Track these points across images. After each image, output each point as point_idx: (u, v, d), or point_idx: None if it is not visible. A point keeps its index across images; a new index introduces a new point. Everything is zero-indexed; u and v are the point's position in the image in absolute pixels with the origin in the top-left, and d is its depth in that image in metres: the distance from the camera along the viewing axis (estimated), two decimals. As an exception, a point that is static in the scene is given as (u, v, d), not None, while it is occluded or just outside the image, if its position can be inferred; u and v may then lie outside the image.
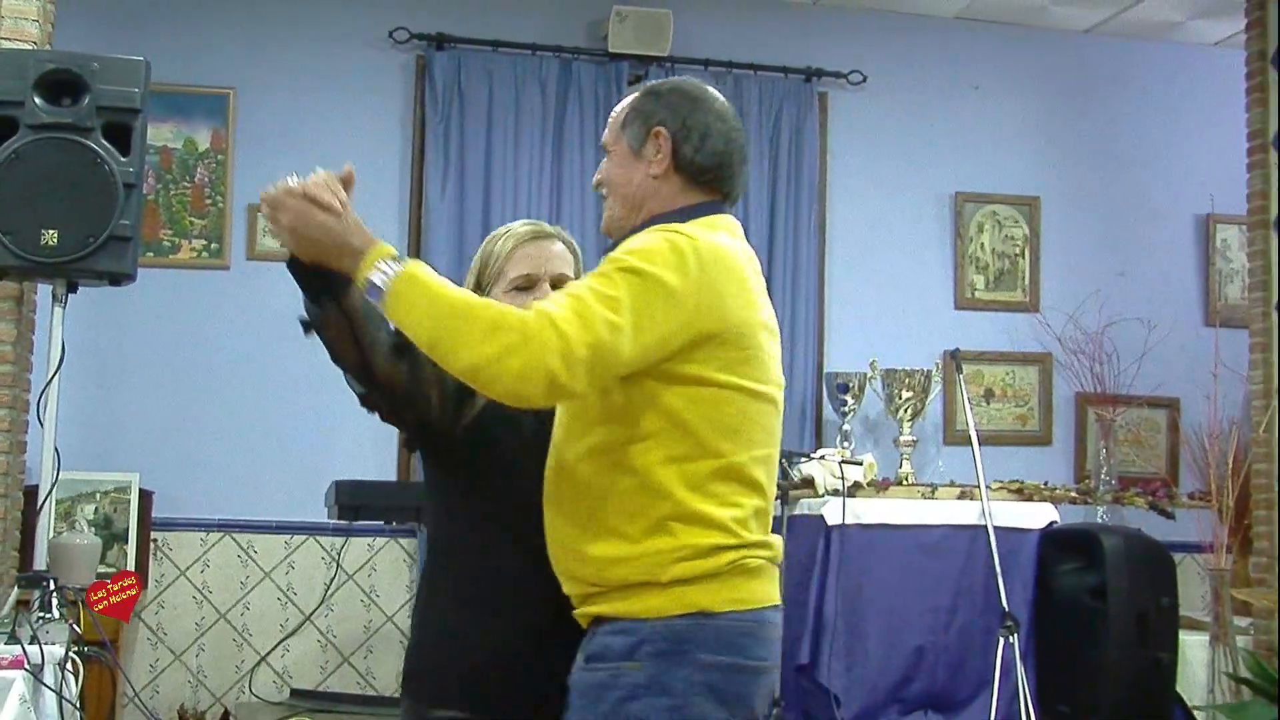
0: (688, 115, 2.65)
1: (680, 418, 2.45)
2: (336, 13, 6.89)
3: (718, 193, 2.68)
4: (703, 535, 2.44)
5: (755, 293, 2.57)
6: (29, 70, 4.24)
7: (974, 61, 7.55)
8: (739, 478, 2.49)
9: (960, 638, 6.09)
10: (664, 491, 2.44)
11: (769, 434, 2.57)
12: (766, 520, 2.57)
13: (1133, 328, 7.02)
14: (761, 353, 2.55)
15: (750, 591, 2.48)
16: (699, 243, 2.47)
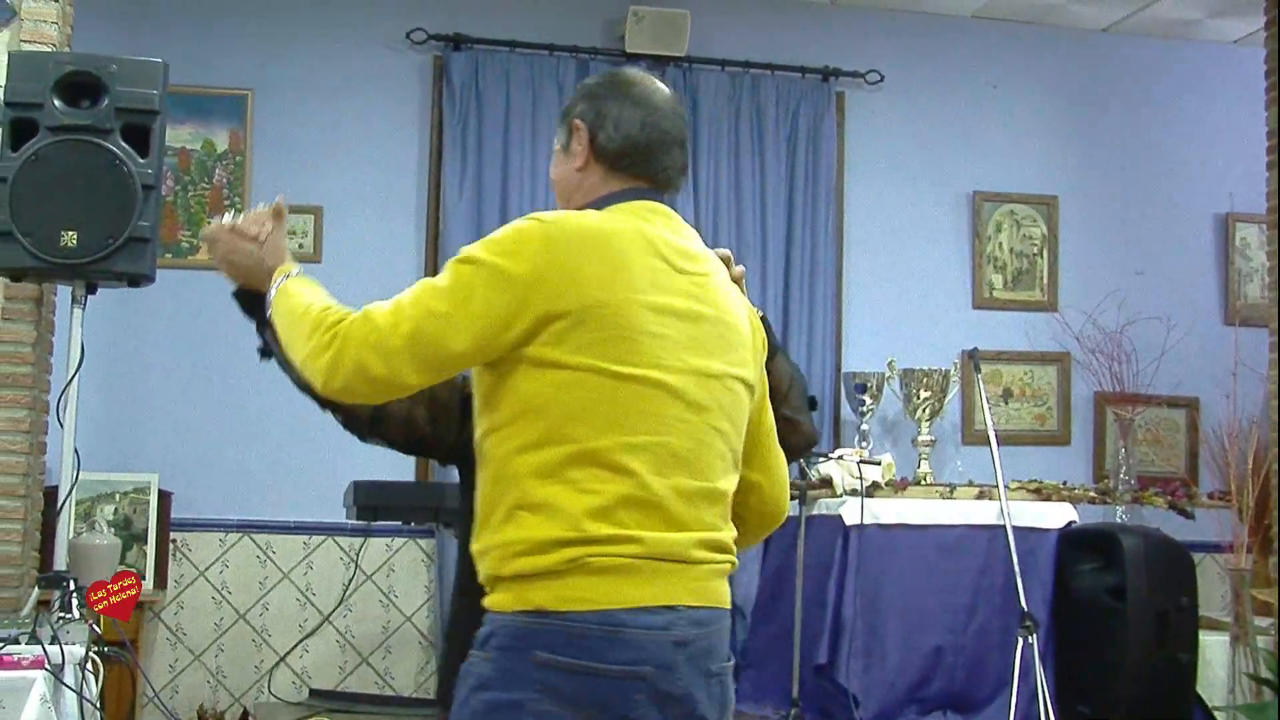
0: (603, 104, 2.64)
1: (533, 403, 2.39)
2: (354, 14, 6.90)
3: (641, 179, 2.64)
4: (542, 528, 2.35)
5: (639, 272, 2.47)
6: (48, 72, 4.25)
7: (991, 61, 7.54)
8: (600, 463, 2.37)
9: (979, 638, 6.08)
10: (515, 479, 2.39)
11: (653, 419, 2.42)
12: (650, 510, 2.40)
13: (1152, 327, 7.01)
14: (638, 334, 2.43)
15: (598, 591, 2.34)
16: (554, 224, 2.46)
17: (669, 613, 2.40)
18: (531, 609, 2.34)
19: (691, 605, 2.44)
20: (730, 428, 2.55)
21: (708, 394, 2.50)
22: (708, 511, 2.49)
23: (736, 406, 2.56)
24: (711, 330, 2.53)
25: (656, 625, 2.39)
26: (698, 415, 2.48)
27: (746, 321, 2.66)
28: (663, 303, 2.48)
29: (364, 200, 6.70)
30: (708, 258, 2.63)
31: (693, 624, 2.43)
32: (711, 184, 7.06)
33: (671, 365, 2.46)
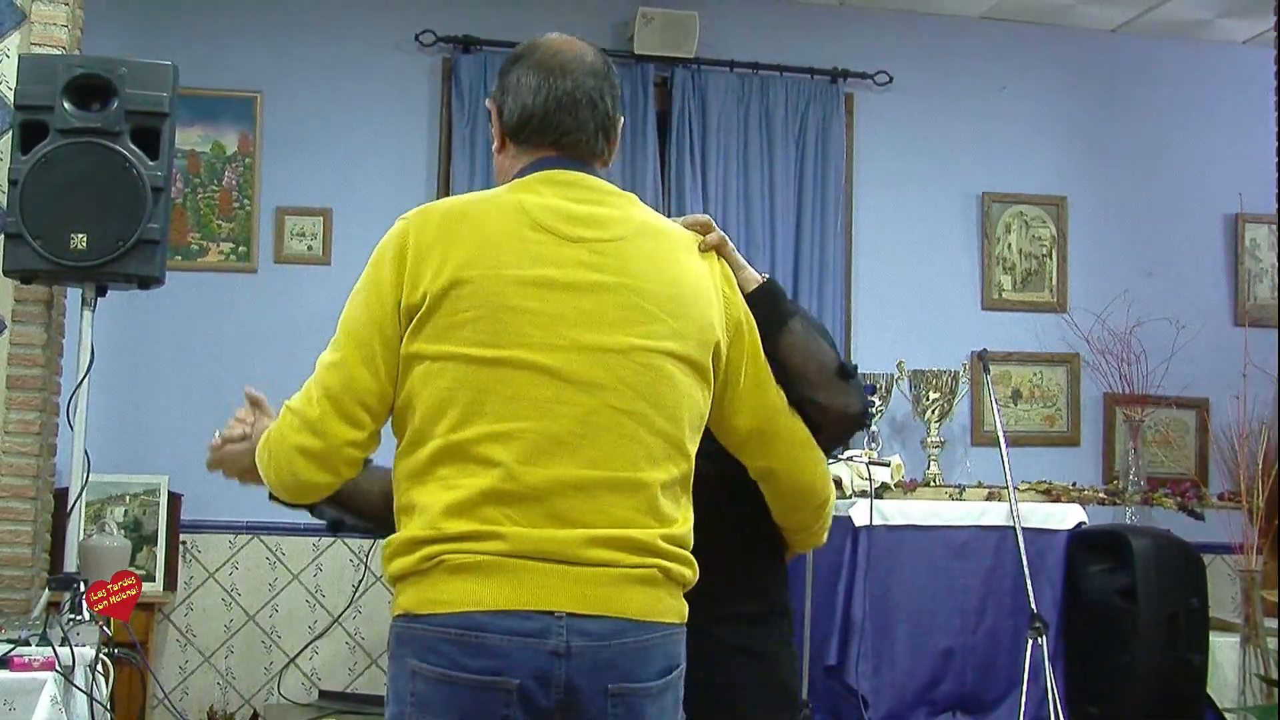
0: (506, 78, 2.54)
1: (403, 403, 2.30)
2: (363, 16, 6.90)
3: (544, 148, 2.45)
4: (407, 529, 2.26)
5: (505, 245, 2.30)
6: (58, 75, 4.26)
7: (1000, 61, 7.53)
8: (465, 456, 2.21)
9: (989, 639, 6.07)
10: (397, 485, 2.32)
11: (523, 404, 2.22)
12: (522, 503, 2.20)
13: (1161, 328, 6.99)
14: (502, 312, 2.24)
15: (455, 592, 2.18)
16: (413, 216, 2.39)
17: (543, 618, 2.17)
18: (401, 613, 2.26)
19: (577, 613, 2.19)
20: (649, 408, 2.27)
21: (605, 371, 2.25)
22: (619, 505, 2.23)
23: (661, 383, 2.29)
24: (614, 300, 2.30)
25: (525, 631, 2.17)
26: (590, 395, 2.24)
27: (692, 290, 2.38)
28: (540, 275, 2.27)
29: (373, 202, 6.70)
30: (630, 220, 2.40)
31: (579, 634, 2.18)
32: (720, 185, 7.06)
33: (549, 343, 2.24)
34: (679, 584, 2.31)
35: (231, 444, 2.74)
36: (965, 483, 6.61)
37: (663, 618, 2.27)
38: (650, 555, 2.25)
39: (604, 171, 2.49)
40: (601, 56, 2.59)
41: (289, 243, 6.64)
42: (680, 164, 7.00)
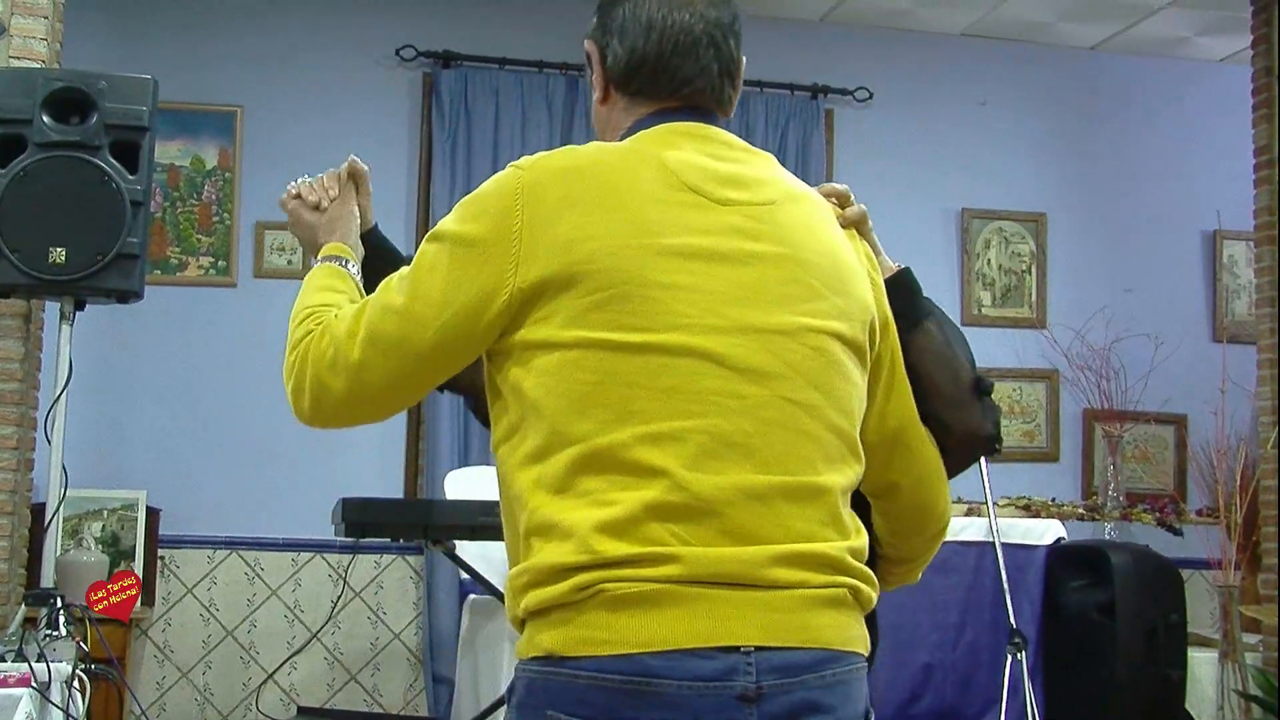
0: (607, 17, 2.15)
1: (532, 400, 1.86)
2: (344, 31, 6.90)
3: (665, 100, 2.08)
4: (553, 553, 1.80)
5: (650, 209, 1.90)
6: (37, 89, 4.25)
7: (980, 78, 7.56)
8: (616, 465, 1.80)
9: (968, 655, 6.08)
10: (524, 499, 1.86)
11: (685, 397, 1.82)
12: (696, 517, 1.80)
13: (1140, 344, 7.02)
14: (651, 288, 1.84)
15: (620, 629, 1.76)
16: (530, 168, 1.97)
17: (729, 656, 1.77)
18: (542, 655, 1.81)
19: (768, 645, 1.79)
20: (824, 399, 1.91)
21: (773, 356, 1.88)
22: (798, 515, 1.85)
23: (832, 370, 1.93)
24: (775, 273, 1.93)
25: (707, 674, 1.76)
26: (760, 386, 1.86)
27: (850, 264, 2.05)
28: (690, 244, 1.89)
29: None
30: (777, 182, 2.04)
31: (772, 671, 1.79)
32: (701, 201, 7.05)
33: (708, 324, 1.86)
34: (866, 607, 1.96)
35: (302, 206, 2.57)
36: (945, 498, 6.61)
37: (856, 646, 1.93)
38: (840, 573, 1.88)
39: (728, 124, 2.14)
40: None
41: (269, 257, 6.63)
42: (661, 179, 6.99)
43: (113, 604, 3.96)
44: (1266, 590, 6.12)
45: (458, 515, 5.07)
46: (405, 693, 6.63)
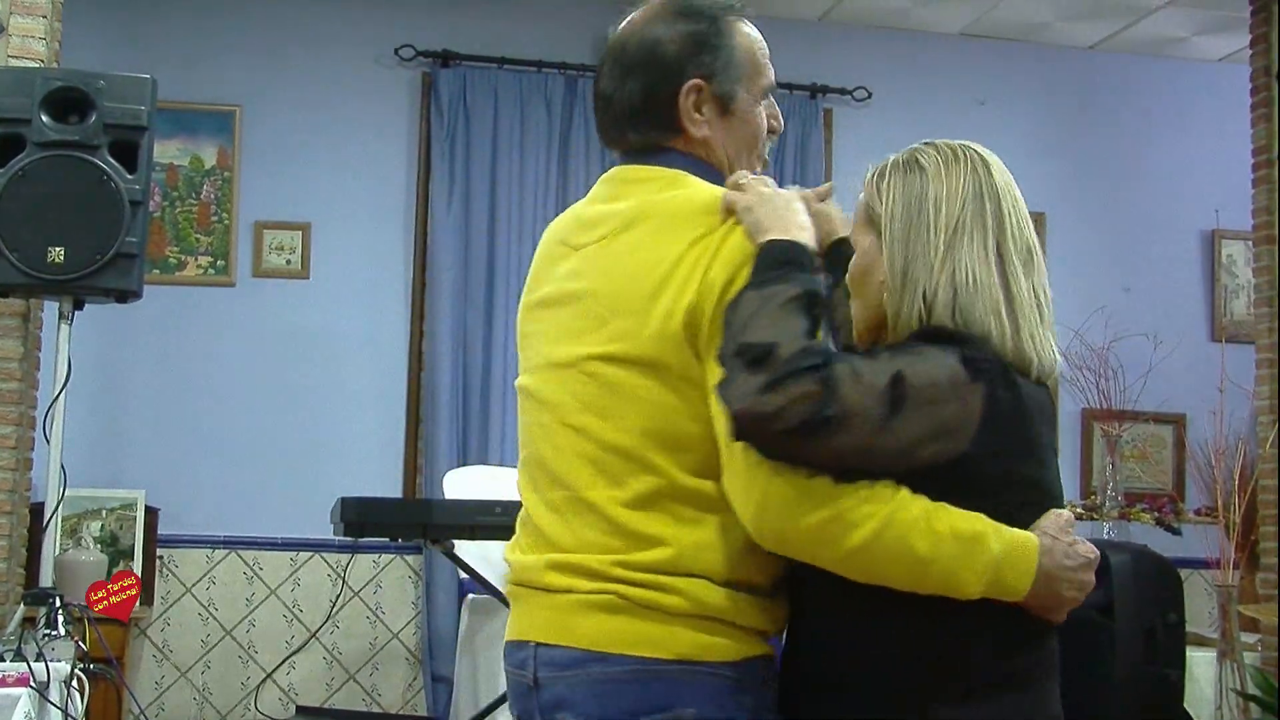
0: None
1: None
2: (342, 30, 6.90)
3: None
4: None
5: (539, 268, 2.24)
6: (36, 88, 4.25)
7: (979, 77, 7.56)
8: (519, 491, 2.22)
9: (967, 654, 6.08)
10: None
11: (525, 430, 2.18)
12: (528, 529, 2.13)
13: (1138, 344, 7.01)
14: (524, 339, 2.23)
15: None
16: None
17: (523, 648, 2.04)
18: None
19: (545, 642, 2.01)
20: (599, 422, 2.02)
21: (559, 387, 2.09)
22: (586, 526, 2.01)
23: (607, 393, 2.03)
24: (577, 308, 2.10)
25: (515, 663, 2.07)
26: (550, 414, 2.10)
27: (663, 276, 2.00)
28: (546, 294, 2.17)
29: (352, 216, 6.70)
30: (621, 214, 2.11)
31: (545, 664, 2.00)
32: (699, 200, 7.06)
33: (534, 364, 2.17)
34: (666, 612, 1.94)
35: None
36: (945, 498, 6.61)
37: (634, 650, 1.94)
38: (607, 581, 1.96)
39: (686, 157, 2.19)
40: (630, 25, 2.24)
41: (268, 257, 6.63)
42: (659, 179, 7.00)
43: (113, 604, 3.96)
44: (1265, 590, 6.13)
45: (456, 515, 5.06)
46: (404, 692, 6.63)
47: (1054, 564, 1.94)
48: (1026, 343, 2.01)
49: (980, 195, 2.09)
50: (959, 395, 1.89)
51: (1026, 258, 2.07)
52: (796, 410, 1.76)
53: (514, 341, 2.34)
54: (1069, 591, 2.00)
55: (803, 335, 1.84)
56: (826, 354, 1.82)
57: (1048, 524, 1.94)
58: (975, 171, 2.14)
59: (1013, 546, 1.89)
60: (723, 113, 2.21)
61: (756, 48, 2.31)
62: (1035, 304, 2.06)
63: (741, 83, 2.24)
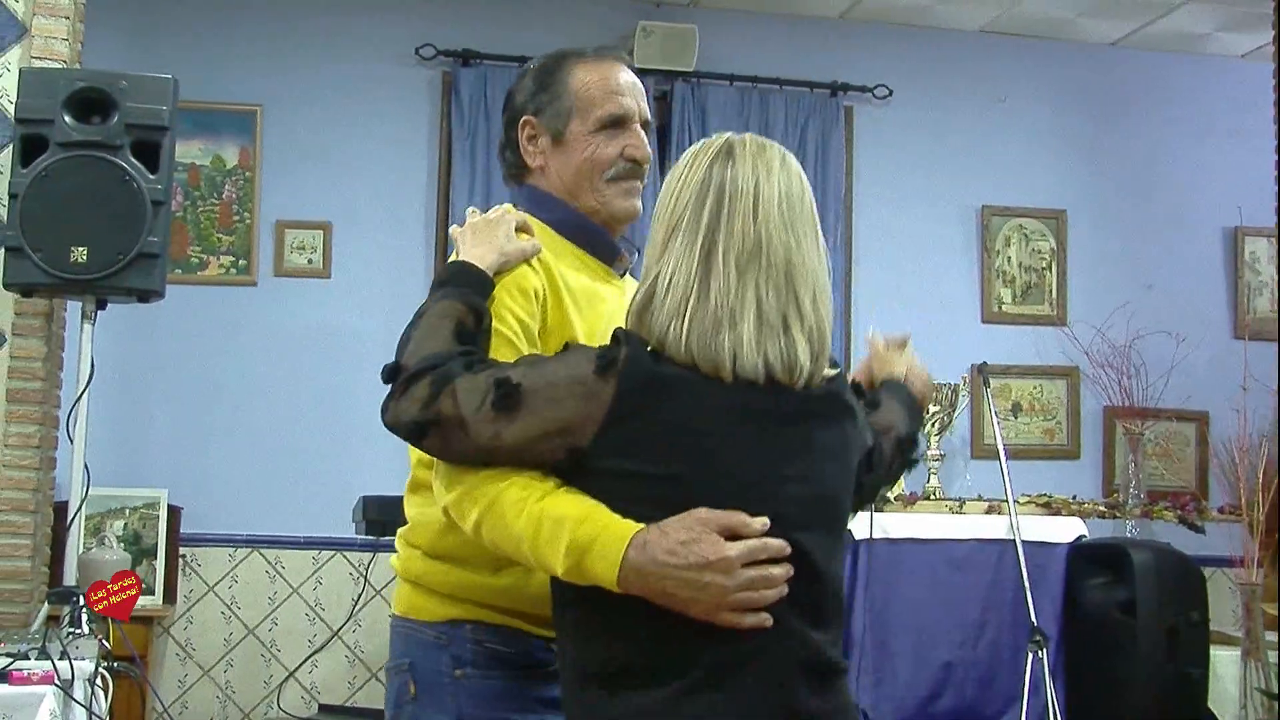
0: None
1: None
2: (363, 30, 6.91)
3: None
4: None
5: None
6: (59, 89, 4.27)
7: (1000, 75, 7.54)
8: None
9: (989, 653, 6.07)
10: None
11: None
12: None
13: (1161, 341, 6.99)
14: None
15: None
16: None
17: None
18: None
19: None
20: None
21: None
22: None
23: None
24: None
25: None
26: None
27: None
28: None
29: (373, 215, 6.71)
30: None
31: None
32: (720, 199, 7.06)
33: None
34: (401, 578, 2.40)
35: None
36: (965, 496, 6.61)
37: (398, 610, 2.39)
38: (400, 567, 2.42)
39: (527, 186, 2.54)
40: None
41: (289, 256, 6.64)
42: (680, 177, 7.00)
43: (113, 604, 3.96)
44: (1289, 588, 6.10)
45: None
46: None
47: (647, 559, 1.90)
48: (713, 346, 1.97)
49: (706, 192, 2.04)
50: (581, 395, 1.97)
51: (749, 260, 2.01)
52: (406, 417, 2.05)
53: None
54: (679, 590, 1.91)
55: (429, 349, 2.08)
56: (445, 365, 2.04)
57: (669, 522, 1.92)
58: (713, 166, 2.06)
59: (602, 536, 1.93)
60: (555, 144, 2.47)
61: (595, 84, 2.50)
62: (751, 305, 2.00)
63: (574, 116, 2.46)
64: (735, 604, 1.92)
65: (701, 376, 1.97)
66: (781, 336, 2.01)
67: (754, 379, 1.98)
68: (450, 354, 2.07)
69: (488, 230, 2.32)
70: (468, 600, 2.26)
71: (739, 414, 1.98)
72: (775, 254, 2.04)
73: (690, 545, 1.90)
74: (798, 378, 2.01)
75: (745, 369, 1.97)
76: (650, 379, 1.96)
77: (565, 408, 1.97)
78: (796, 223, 2.09)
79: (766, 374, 1.99)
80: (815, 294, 2.07)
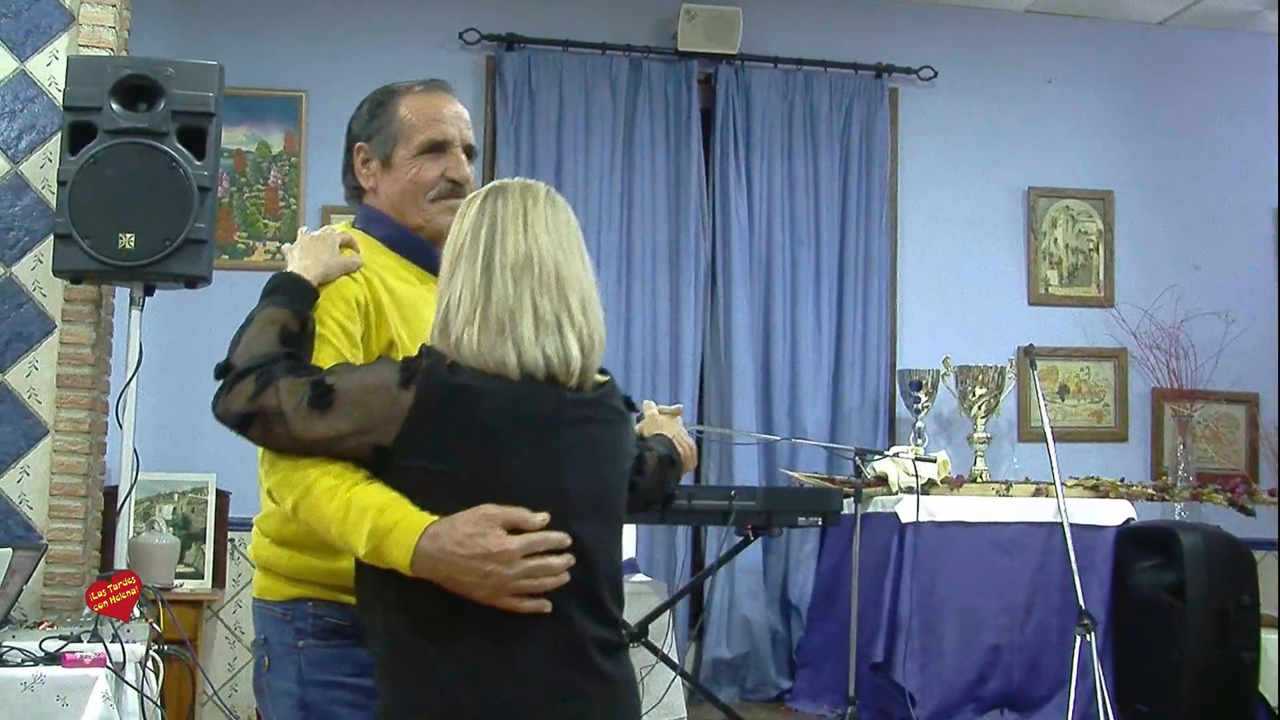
0: None
1: None
2: (407, 14, 6.92)
3: None
4: None
5: None
6: (106, 76, 4.29)
7: (1046, 55, 7.49)
8: None
9: (1036, 636, 6.05)
10: None
11: None
12: None
13: (1210, 322, 6.94)
14: None
15: None
16: None
17: None
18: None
19: None
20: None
21: None
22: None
23: None
24: None
25: None
26: None
27: None
28: None
29: (418, 200, 6.73)
30: None
31: None
32: (764, 182, 7.05)
33: None
34: (254, 562, 2.62)
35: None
36: (1012, 479, 6.58)
37: (256, 592, 2.60)
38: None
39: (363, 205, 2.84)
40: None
41: (334, 241, 6.66)
42: (724, 161, 7.00)
43: (113, 604, 4.00)
44: (1340, 571, 6.05)
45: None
46: (473, 674, 6.65)
47: (437, 548, 2.14)
48: (499, 346, 2.22)
49: (482, 222, 2.32)
50: (385, 401, 2.21)
51: (524, 270, 2.27)
52: (233, 409, 2.37)
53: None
54: (465, 577, 2.15)
55: (257, 350, 2.38)
56: (270, 365, 2.33)
57: (459, 516, 2.16)
58: (485, 203, 2.35)
59: (400, 525, 2.16)
60: (384, 168, 2.77)
61: (419, 112, 2.82)
62: (528, 309, 2.25)
63: (400, 141, 2.77)
64: (516, 590, 2.15)
65: (491, 381, 2.21)
66: (557, 335, 2.25)
67: (535, 374, 2.22)
68: (275, 355, 2.34)
69: (315, 246, 2.56)
70: (308, 581, 2.48)
71: (525, 417, 2.23)
72: (546, 265, 2.28)
73: (476, 538, 2.14)
74: (573, 373, 2.26)
75: (528, 364, 2.21)
76: (445, 388, 2.19)
77: (371, 411, 2.22)
78: (563, 240, 2.32)
79: (546, 369, 2.23)
80: (584, 301, 2.29)
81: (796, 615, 6.84)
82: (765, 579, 6.91)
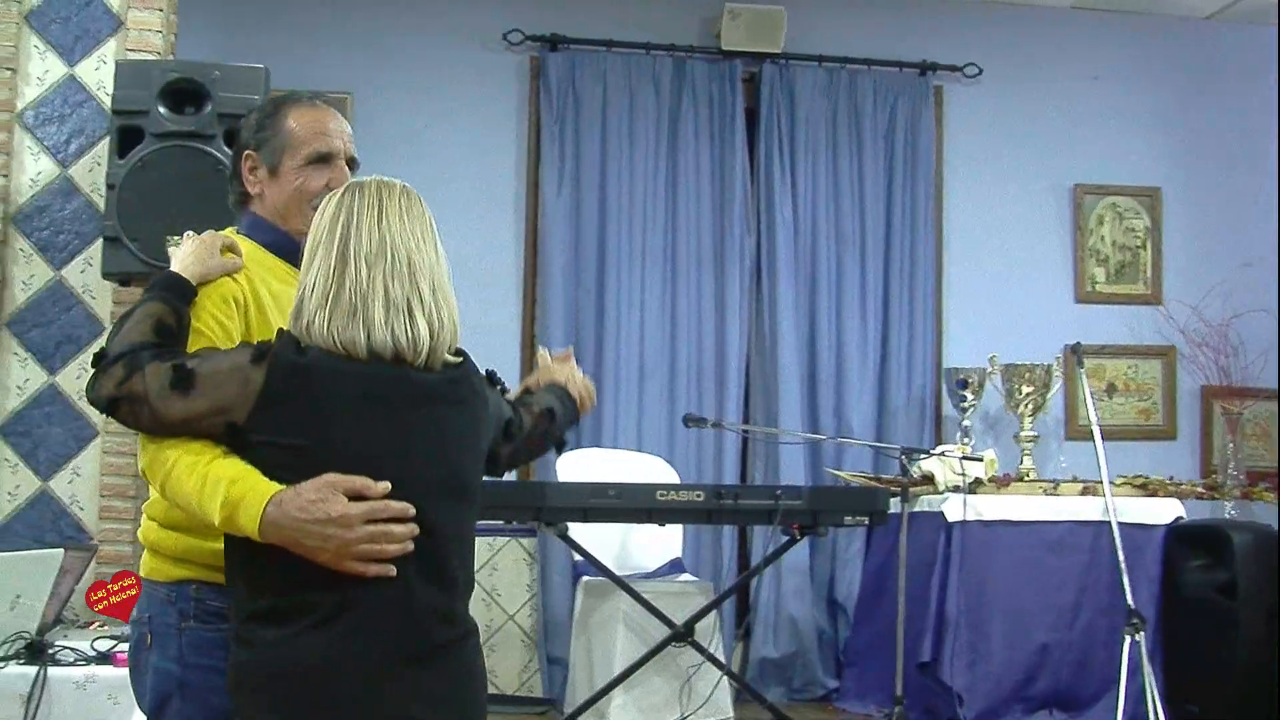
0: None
1: None
2: (451, 16, 6.95)
3: None
4: None
5: None
6: (153, 80, 4.33)
7: (1092, 51, 7.45)
8: None
9: (1085, 635, 6.01)
10: None
11: None
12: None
13: (1259, 319, 6.88)
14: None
15: None
16: None
17: None
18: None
19: None
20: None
21: None
22: None
23: None
24: None
25: None
26: None
27: None
28: None
29: (463, 201, 6.74)
30: None
31: None
32: (809, 180, 7.03)
33: None
34: (143, 543, 2.69)
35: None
36: (1059, 478, 6.54)
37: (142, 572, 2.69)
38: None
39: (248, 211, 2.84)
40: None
41: (380, 243, 6.68)
42: (769, 160, 6.99)
43: (112, 604, 4.03)
44: (1393, 570, 5.99)
45: (570, 497, 5.08)
46: (520, 674, 6.68)
47: (282, 514, 2.27)
48: (350, 328, 2.35)
49: (339, 214, 2.45)
50: (239, 381, 2.34)
51: (377, 256, 2.41)
52: (103, 392, 2.41)
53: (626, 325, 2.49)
54: (308, 540, 2.29)
55: (131, 340, 2.44)
56: (138, 352, 2.42)
57: (304, 485, 2.29)
58: (343, 199, 2.48)
59: (249, 495, 2.29)
60: (271, 176, 2.80)
61: (306, 125, 2.87)
62: (380, 293, 2.38)
63: (287, 152, 2.81)
64: (358, 554, 2.29)
65: (340, 361, 2.35)
66: (407, 318, 2.39)
67: (383, 355, 2.35)
68: (145, 344, 2.43)
69: (197, 249, 2.64)
70: (191, 562, 2.57)
71: (371, 396, 2.36)
72: (399, 252, 2.42)
73: (318, 504, 2.28)
74: (421, 354, 2.38)
75: (376, 345, 2.35)
76: (294, 367, 2.32)
77: (226, 391, 2.34)
78: (416, 230, 2.48)
79: (394, 350, 2.36)
80: (435, 287, 2.44)
81: (843, 615, 6.83)
82: (812, 578, 6.90)
